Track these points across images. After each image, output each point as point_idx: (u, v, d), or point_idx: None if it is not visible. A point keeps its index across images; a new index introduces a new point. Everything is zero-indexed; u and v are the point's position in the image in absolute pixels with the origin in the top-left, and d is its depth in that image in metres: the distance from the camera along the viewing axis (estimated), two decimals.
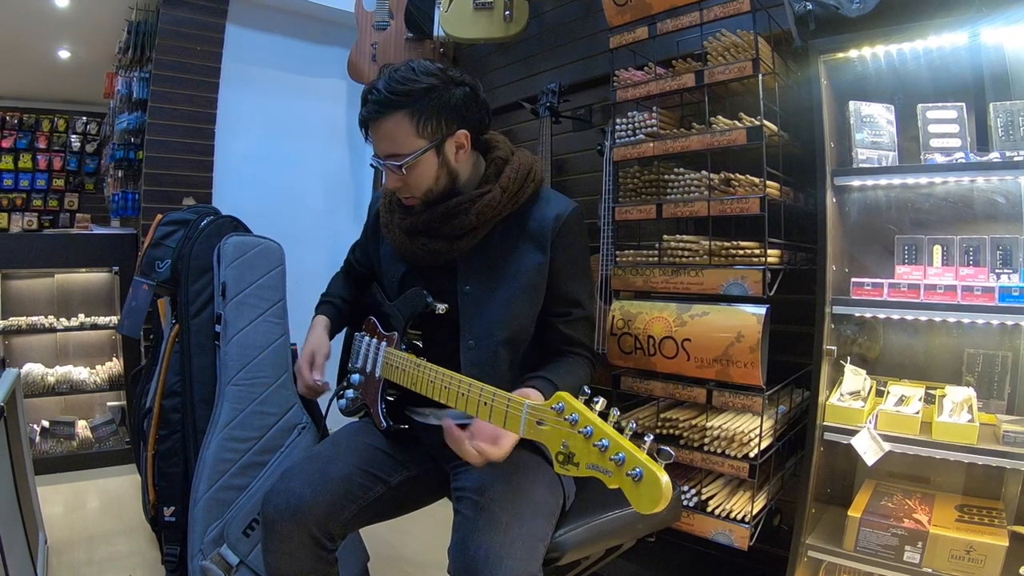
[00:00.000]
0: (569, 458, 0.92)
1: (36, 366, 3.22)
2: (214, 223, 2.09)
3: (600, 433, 0.89)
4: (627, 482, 0.85)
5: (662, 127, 1.83)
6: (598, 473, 0.89)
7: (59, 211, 5.23)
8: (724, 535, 1.62)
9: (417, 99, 1.23)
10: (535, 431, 0.99)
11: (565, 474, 0.93)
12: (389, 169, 1.27)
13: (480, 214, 1.29)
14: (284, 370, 1.88)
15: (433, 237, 1.33)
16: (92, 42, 3.97)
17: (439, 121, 1.26)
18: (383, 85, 1.23)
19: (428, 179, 1.29)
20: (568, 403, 0.94)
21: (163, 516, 1.82)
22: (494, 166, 1.35)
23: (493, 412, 1.07)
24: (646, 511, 0.83)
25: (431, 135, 1.26)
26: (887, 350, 1.73)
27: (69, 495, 2.80)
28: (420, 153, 1.25)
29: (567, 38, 2.62)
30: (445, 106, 1.26)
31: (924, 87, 1.61)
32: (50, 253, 3.19)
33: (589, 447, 0.90)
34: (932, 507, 1.52)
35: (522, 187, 1.33)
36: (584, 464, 0.90)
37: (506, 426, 1.04)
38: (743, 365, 1.56)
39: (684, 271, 1.70)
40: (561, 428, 0.94)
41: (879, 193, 1.73)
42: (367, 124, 1.27)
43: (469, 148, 1.33)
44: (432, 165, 1.28)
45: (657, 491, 0.82)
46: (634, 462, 0.85)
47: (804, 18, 1.62)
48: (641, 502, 0.84)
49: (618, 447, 0.87)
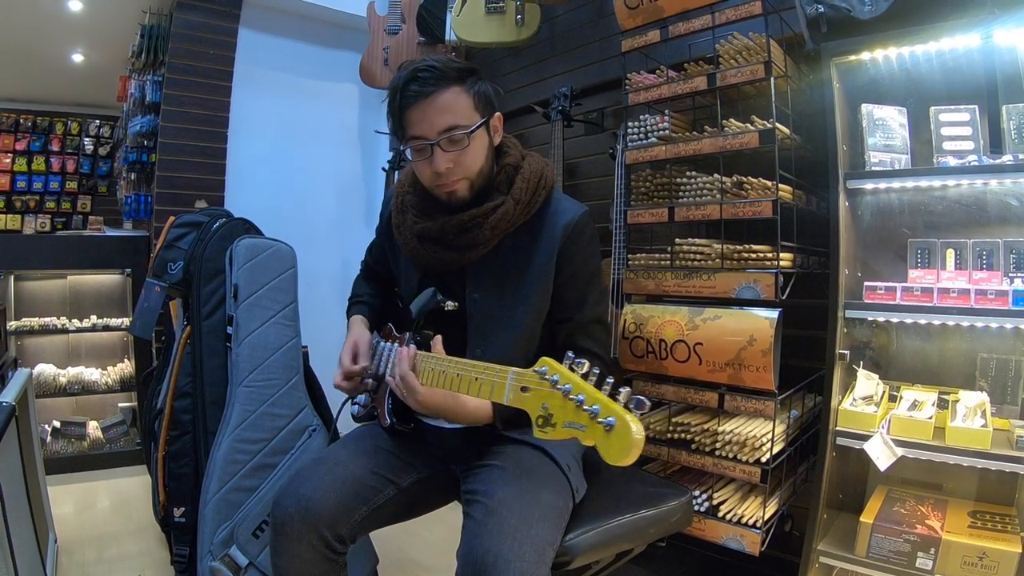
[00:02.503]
0: (547, 420, 0.91)
1: (48, 367, 3.25)
2: (226, 225, 2.10)
3: (578, 389, 0.88)
4: (599, 432, 0.84)
5: (674, 130, 1.83)
6: (574, 431, 0.87)
7: (72, 213, 5.27)
8: (735, 540, 1.60)
9: (467, 75, 1.26)
10: (519, 398, 0.98)
11: (543, 438, 0.92)
12: (443, 148, 1.24)
13: (494, 228, 1.30)
14: (295, 372, 1.89)
15: (445, 247, 1.33)
16: (105, 46, 4.01)
17: (486, 99, 1.29)
18: (434, 63, 1.23)
19: (482, 156, 1.30)
20: (551, 365, 0.94)
21: (173, 517, 1.82)
22: (505, 174, 1.34)
23: (483, 386, 1.06)
24: (615, 461, 0.82)
25: (483, 111, 1.28)
26: (900, 355, 1.72)
27: (79, 495, 2.82)
28: (480, 125, 1.27)
29: (578, 42, 2.62)
30: (485, 87, 1.29)
31: (937, 89, 1.60)
32: (63, 255, 3.22)
33: (566, 404, 0.89)
34: (945, 513, 1.50)
35: (533, 196, 1.34)
36: (561, 423, 0.89)
37: (492, 396, 1.04)
38: (755, 369, 1.55)
39: (696, 275, 1.69)
40: (543, 391, 0.93)
41: (892, 196, 1.72)
42: (414, 102, 1.23)
43: (502, 133, 1.36)
44: (485, 142, 1.30)
45: (627, 440, 0.81)
46: (607, 411, 0.84)
47: (816, 21, 1.61)
48: (611, 452, 0.83)
49: (593, 399, 0.86)
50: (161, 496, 1.95)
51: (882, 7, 1.49)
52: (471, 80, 1.26)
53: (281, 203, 3.42)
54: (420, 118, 1.24)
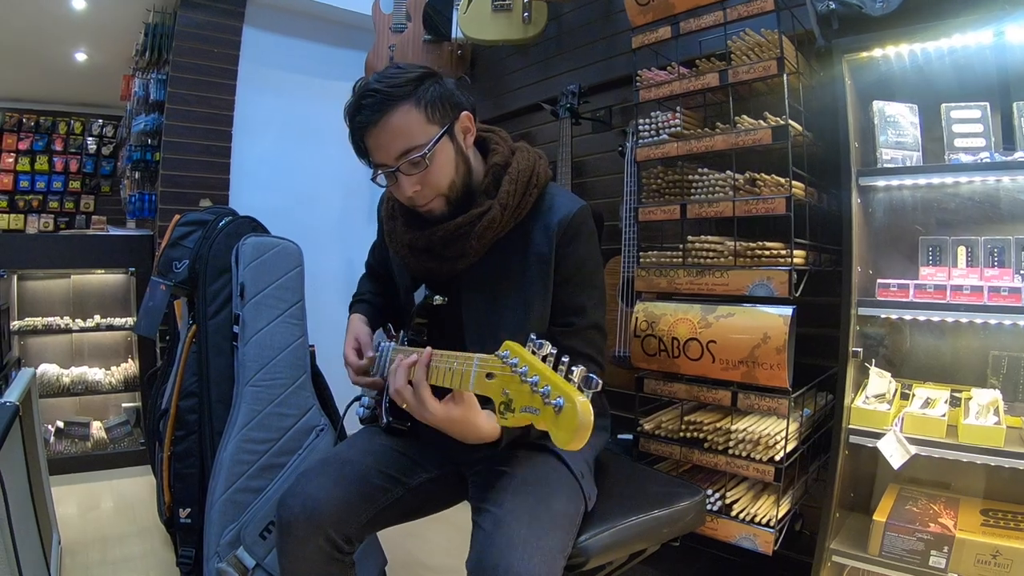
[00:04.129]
0: (508, 405, 0.86)
1: (51, 367, 3.24)
2: (232, 223, 2.08)
3: (533, 370, 0.83)
4: (551, 416, 0.78)
5: (685, 127, 1.81)
6: (530, 415, 0.82)
7: (75, 213, 5.26)
8: (748, 539, 1.58)
9: (416, 87, 1.18)
10: (484, 385, 0.92)
11: (504, 424, 0.87)
12: (404, 172, 1.19)
13: (481, 237, 1.24)
14: (302, 371, 1.87)
15: (435, 257, 1.29)
16: (109, 45, 3.99)
17: (443, 105, 1.21)
18: (376, 86, 1.17)
19: (449, 169, 1.23)
20: (512, 349, 0.88)
21: (179, 518, 1.80)
22: (492, 176, 1.27)
23: (454, 375, 1.01)
24: (565, 444, 0.76)
25: (440, 120, 1.20)
26: (912, 352, 1.70)
27: (83, 496, 2.80)
28: (438, 139, 1.19)
29: (585, 40, 2.60)
30: (443, 90, 1.22)
31: (948, 86, 1.58)
32: (66, 254, 3.21)
33: (524, 388, 0.83)
34: (957, 511, 1.49)
35: (524, 197, 1.27)
36: (519, 408, 0.83)
37: (461, 385, 0.99)
38: (769, 367, 1.54)
39: (709, 272, 1.67)
40: (504, 375, 0.88)
41: (903, 194, 1.71)
42: (365, 131, 1.18)
43: (475, 132, 1.29)
44: (450, 153, 1.23)
45: (574, 419, 0.75)
46: (556, 392, 0.78)
47: (827, 17, 1.61)
48: (560, 435, 0.77)
49: (545, 380, 0.80)
50: (166, 497, 1.93)
51: (893, 4, 1.49)
52: (421, 90, 1.18)
53: (285, 202, 3.41)
54: (376, 145, 1.19)
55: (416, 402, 1.07)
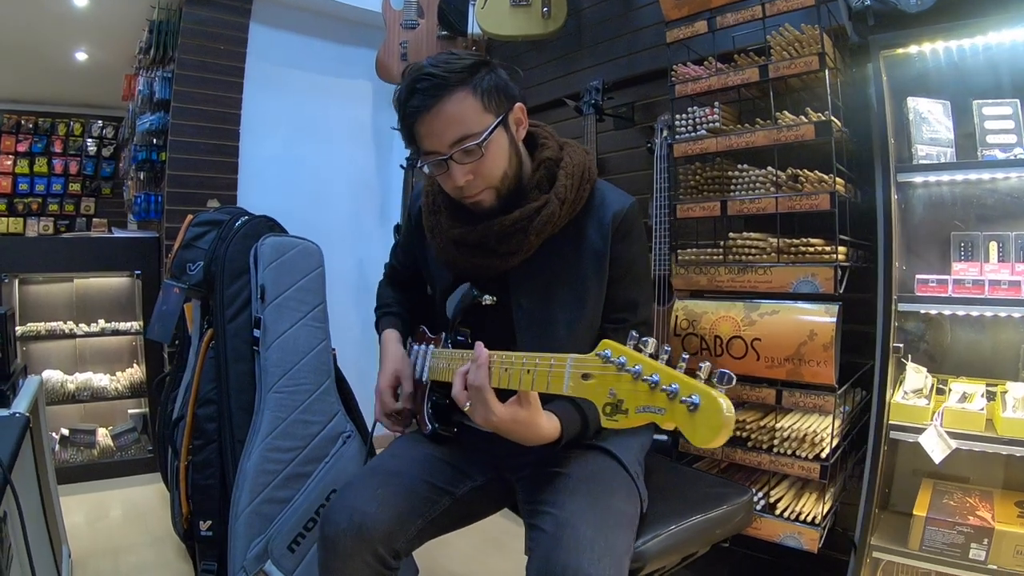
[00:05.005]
0: (617, 407, 0.83)
1: (55, 373, 3.15)
2: (249, 223, 2.02)
3: (650, 368, 0.80)
4: (682, 413, 0.75)
5: (723, 123, 1.76)
6: (650, 415, 0.79)
7: (75, 216, 5.18)
8: (793, 538, 1.57)
9: (472, 74, 1.13)
10: (581, 387, 0.89)
11: (614, 426, 0.83)
12: (457, 161, 1.14)
13: (540, 233, 1.20)
14: (327, 376, 1.80)
15: (486, 253, 1.23)
16: (110, 43, 3.92)
17: (499, 94, 1.16)
18: (432, 70, 1.11)
19: (503, 161, 1.18)
20: (614, 348, 0.85)
21: (199, 530, 1.73)
22: (544, 169, 1.23)
23: (536, 377, 0.96)
24: (704, 443, 0.74)
25: (496, 109, 1.16)
26: (952, 347, 1.70)
27: (91, 505, 2.72)
28: (493, 128, 1.14)
29: (606, 36, 2.54)
30: (498, 79, 1.17)
31: (982, 83, 1.58)
32: (69, 257, 3.11)
33: (638, 387, 0.80)
34: (992, 504, 1.50)
35: (578, 193, 1.23)
36: (633, 408, 0.81)
37: (550, 388, 0.94)
38: (816, 364, 1.53)
39: (751, 269, 1.63)
40: (608, 376, 0.84)
41: (938, 190, 1.70)
42: (418, 116, 1.13)
43: (527, 124, 1.25)
44: (504, 144, 1.18)
45: (717, 417, 0.72)
46: (688, 389, 0.75)
47: (862, 14, 1.59)
48: (698, 433, 0.74)
49: (670, 378, 0.77)
50: (184, 508, 1.86)
51: (928, 1, 1.48)
52: (477, 77, 1.14)
53: (294, 202, 3.32)
54: (428, 132, 1.14)
55: (480, 405, 1.02)
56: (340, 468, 1.73)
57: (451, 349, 1.27)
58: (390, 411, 1.32)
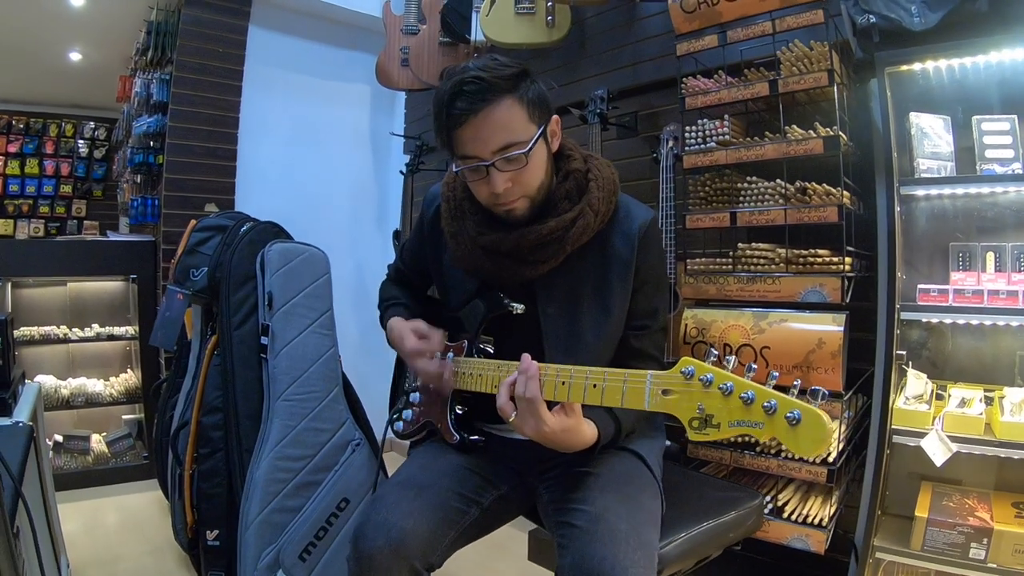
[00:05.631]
0: (706, 421, 0.88)
1: (48, 378, 3.10)
2: (255, 229, 2.01)
3: (742, 386, 0.85)
4: (782, 427, 0.82)
5: (733, 136, 1.79)
6: (745, 428, 0.85)
7: (66, 218, 5.10)
8: (801, 540, 1.61)
9: (519, 82, 1.12)
10: (662, 402, 0.93)
11: (703, 439, 0.89)
12: (499, 168, 1.13)
13: (575, 243, 1.21)
14: (335, 383, 1.80)
15: (518, 261, 1.23)
16: (106, 44, 3.87)
17: (541, 105, 1.16)
18: (480, 74, 1.09)
19: (541, 172, 1.18)
20: (698, 366, 0.90)
21: (206, 540, 1.72)
22: (573, 181, 1.24)
23: (607, 392, 0.99)
24: (808, 452, 0.82)
25: (539, 120, 1.15)
26: (954, 354, 1.74)
27: (87, 513, 2.68)
28: (537, 138, 1.14)
29: (609, 45, 2.55)
30: (540, 90, 1.17)
31: (983, 100, 1.63)
32: (64, 260, 3.07)
33: (730, 404, 0.86)
34: (990, 505, 1.55)
35: (608, 206, 1.24)
36: (726, 423, 0.87)
37: (625, 403, 0.97)
38: (824, 371, 1.57)
39: (760, 279, 1.66)
40: (693, 392, 0.89)
41: (937, 203, 1.75)
42: (464, 119, 1.11)
43: (560, 137, 1.25)
44: (544, 154, 1.19)
45: (821, 429, 0.80)
46: (788, 405, 0.82)
47: (868, 31, 1.62)
48: (802, 445, 0.81)
49: (766, 395, 0.84)
50: (188, 518, 1.84)
51: (932, 20, 1.52)
52: (523, 86, 1.13)
53: (293, 206, 3.30)
54: (472, 136, 1.12)
55: (532, 417, 1.03)
56: (350, 477, 1.73)
57: (478, 358, 1.26)
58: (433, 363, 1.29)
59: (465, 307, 1.32)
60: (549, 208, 1.22)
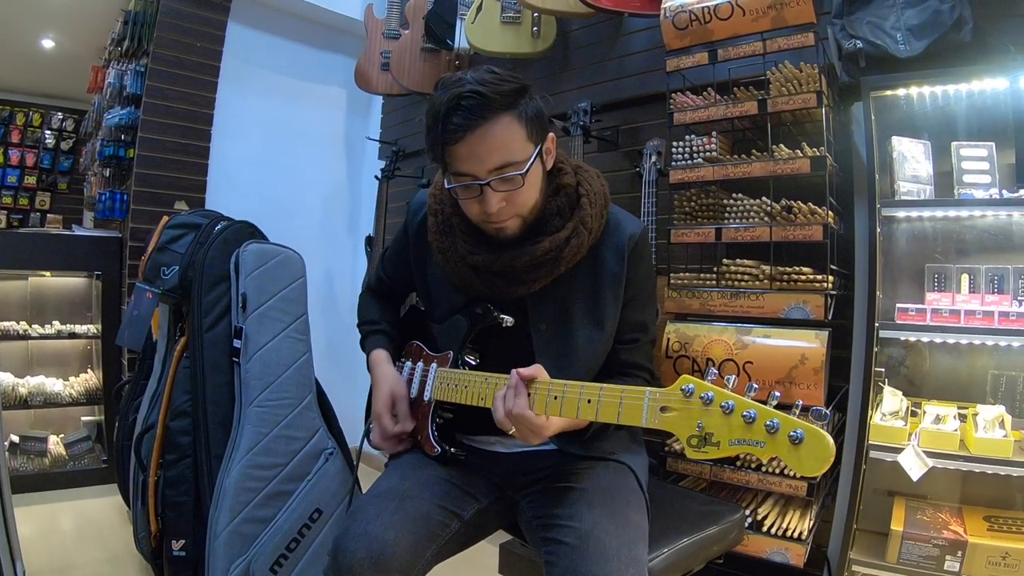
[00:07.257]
0: (705, 439, 0.87)
1: (6, 375, 2.98)
2: (230, 228, 1.96)
3: (744, 405, 0.85)
4: (785, 447, 0.82)
5: (720, 153, 1.80)
6: (746, 447, 0.85)
7: (29, 210, 4.92)
8: (780, 553, 1.61)
9: (518, 99, 1.09)
10: (660, 419, 0.92)
11: (702, 458, 0.90)
12: (494, 188, 1.10)
13: (568, 262, 1.19)
14: (308, 391, 1.75)
15: (511, 280, 1.21)
16: (80, 32, 3.76)
17: (539, 122, 1.13)
18: (479, 88, 1.05)
19: (535, 191, 1.16)
20: (697, 384, 0.90)
21: (171, 550, 1.65)
22: (564, 196, 1.21)
23: (602, 407, 0.99)
24: (812, 472, 0.81)
25: (536, 139, 1.12)
26: (931, 371, 1.77)
27: (43, 517, 2.57)
28: (534, 158, 1.12)
29: (593, 59, 2.56)
30: (538, 107, 1.14)
31: (962, 126, 1.67)
32: (26, 253, 2.95)
33: (731, 422, 0.86)
34: (963, 519, 1.58)
35: (600, 221, 1.23)
36: (726, 441, 0.86)
37: (622, 419, 0.97)
38: (806, 387, 1.58)
39: (744, 295, 1.67)
40: (692, 410, 0.89)
41: (915, 224, 1.78)
42: (460, 135, 1.07)
43: (555, 155, 1.22)
44: (539, 173, 1.16)
45: (824, 448, 0.80)
46: (791, 424, 0.82)
47: (854, 55, 1.66)
48: (804, 464, 0.81)
49: (768, 414, 0.83)
50: (152, 526, 1.77)
51: (917, 48, 1.56)
52: (523, 103, 1.09)
53: (264, 207, 3.18)
54: (467, 154, 1.08)
55: (528, 432, 1.05)
56: (323, 486, 1.68)
57: (464, 371, 1.24)
58: (390, 434, 1.28)
59: (450, 322, 1.30)
60: (540, 225, 1.20)
